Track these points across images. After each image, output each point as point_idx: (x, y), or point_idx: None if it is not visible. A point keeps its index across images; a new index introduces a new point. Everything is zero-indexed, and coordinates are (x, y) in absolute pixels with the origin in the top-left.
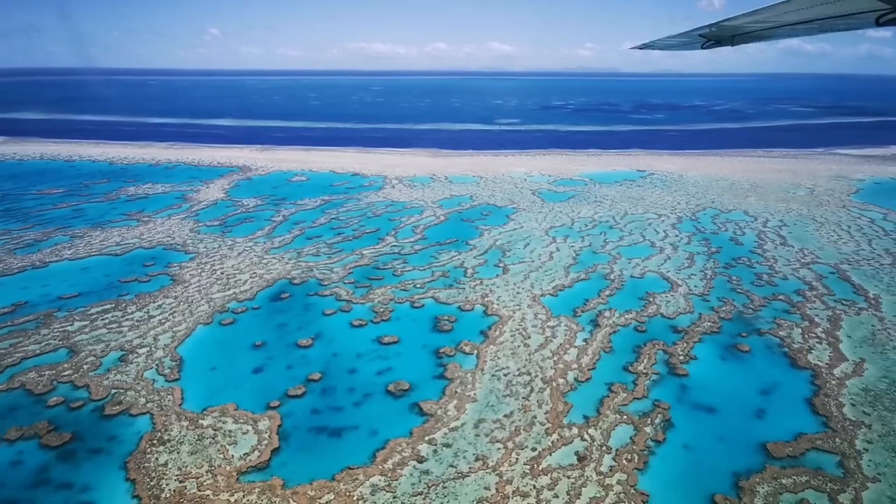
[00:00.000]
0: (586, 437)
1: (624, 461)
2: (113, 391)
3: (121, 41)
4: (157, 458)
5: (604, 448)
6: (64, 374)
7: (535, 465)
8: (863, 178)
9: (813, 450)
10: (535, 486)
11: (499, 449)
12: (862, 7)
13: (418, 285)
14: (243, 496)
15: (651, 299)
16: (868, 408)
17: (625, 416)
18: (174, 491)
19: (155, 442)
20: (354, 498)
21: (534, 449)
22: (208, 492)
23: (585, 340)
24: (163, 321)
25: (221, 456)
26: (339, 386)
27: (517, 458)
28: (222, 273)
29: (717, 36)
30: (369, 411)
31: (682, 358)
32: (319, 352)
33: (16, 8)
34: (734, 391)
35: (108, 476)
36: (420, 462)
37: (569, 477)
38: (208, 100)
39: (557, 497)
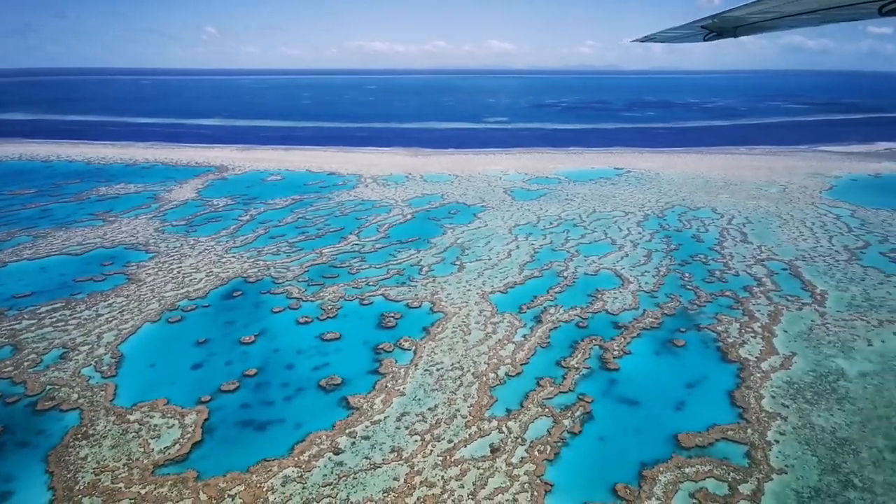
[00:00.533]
0: (504, 429)
1: (536, 452)
2: (48, 387)
3: (118, 40)
4: (77, 452)
5: (519, 440)
6: (4, 370)
7: (448, 457)
8: (839, 174)
9: (723, 440)
10: (443, 477)
11: (416, 441)
12: None
13: (371, 283)
14: (154, 488)
15: (599, 296)
16: (788, 400)
17: (546, 410)
18: (88, 483)
19: (79, 436)
20: (264, 489)
21: (450, 441)
22: (121, 484)
23: (525, 336)
24: (110, 319)
25: (141, 450)
26: (273, 381)
27: (431, 450)
28: (179, 272)
29: (718, 27)
30: (298, 405)
31: (616, 353)
32: (261, 348)
33: (12, 8)
34: (660, 385)
35: (30, 468)
36: (336, 454)
37: (478, 468)
38: (198, 99)
39: (463, 487)
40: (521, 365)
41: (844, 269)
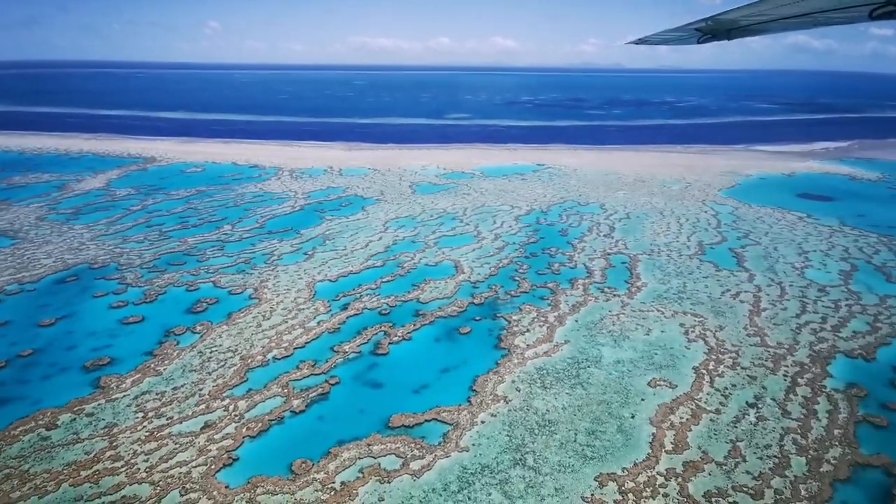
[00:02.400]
0: (231, 408)
1: (244, 430)
2: None
3: (122, 34)
4: None
5: (237, 418)
6: None
7: (155, 433)
8: (752, 173)
9: (433, 421)
10: (134, 451)
11: (135, 418)
12: (856, 1)
13: (211, 271)
14: None
15: (423, 286)
16: (525, 385)
17: (286, 390)
18: None
19: None
20: None
21: (169, 418)
22: None
23: (319, 322)
24: None
25: None
26: (43, 361)
27: (143, 427)
28: (29, 258)
29: (713, 30)
30: (50, 384)
31: (395, 339)
32: (56, 331)
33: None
34: (414, 369)
35: None
36: (49, 429)
37: (177, 443)
38: (176, 93)
39: (147, 461)
40: (295, 349)
41: (682, 263)
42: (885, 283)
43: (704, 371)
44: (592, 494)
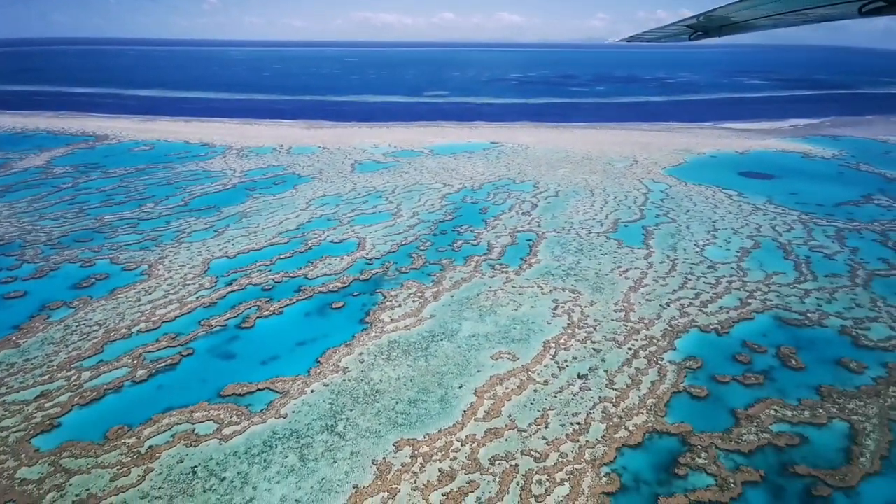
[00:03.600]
0: (72, 379)
1: (77, 399)
2: None
3: (120, 10)
4: None
5: (74, 387)
6: None
7: None
8: (705, 151)
9: (265, 390)
10: None
11: None
12: None
13: (115, 248)
14: None
15: (318, 262)
16: (371, 357)
17: (136, 361)
18: None
19: None
20: None
21: (9, 388)
22: None
23: (199, 297)
24: None
25: None
26: None
27: None
28: None
29: (704, 26)
30: None
31: (267, 314)
32: None
33: None
34: (272, 342)
35: None
36: None
37: (6, 410)
38: (157, 70)
39: None
40: (163, 322)
41: (587, 240)
42: (782, 260)
43: (553, 345)
44: (384, 458)
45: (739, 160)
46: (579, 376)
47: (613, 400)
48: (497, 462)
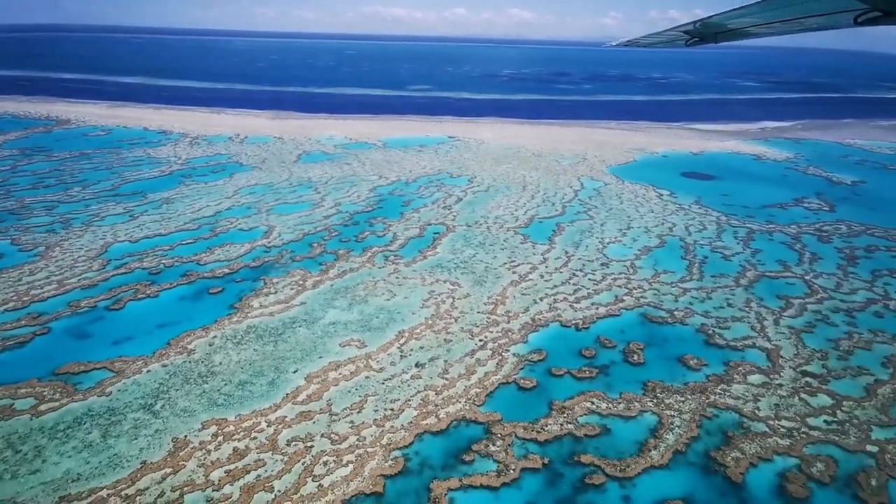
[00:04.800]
0: None
1: None
2: None
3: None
4: None
5: None
6: None
7: None
8: (658, 151)
9: (102, 369)
10: None
11: None
12: (841, 7)
13: (21, 229)
14: None
15: (217, 249)
16: (220, 341)
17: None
18: None
19: None
20: None
21: None
22: None
23: (81, 279)
24: None
25: None
26: None
27: None
28: None
29: (700, 34)
30: None
31: (142, 297)
32: None
33: None
34: (134, 324)
35: None
36: None
37: None
38: (151, 57)
39: None
40: (32, 302)
41: (493, 235)
42: (678, 260)
43: (407, 334)
44: (185, 436)
45: (689, 160)
46: (416, 365)
47: (438, 388)
48: (293, 443)
